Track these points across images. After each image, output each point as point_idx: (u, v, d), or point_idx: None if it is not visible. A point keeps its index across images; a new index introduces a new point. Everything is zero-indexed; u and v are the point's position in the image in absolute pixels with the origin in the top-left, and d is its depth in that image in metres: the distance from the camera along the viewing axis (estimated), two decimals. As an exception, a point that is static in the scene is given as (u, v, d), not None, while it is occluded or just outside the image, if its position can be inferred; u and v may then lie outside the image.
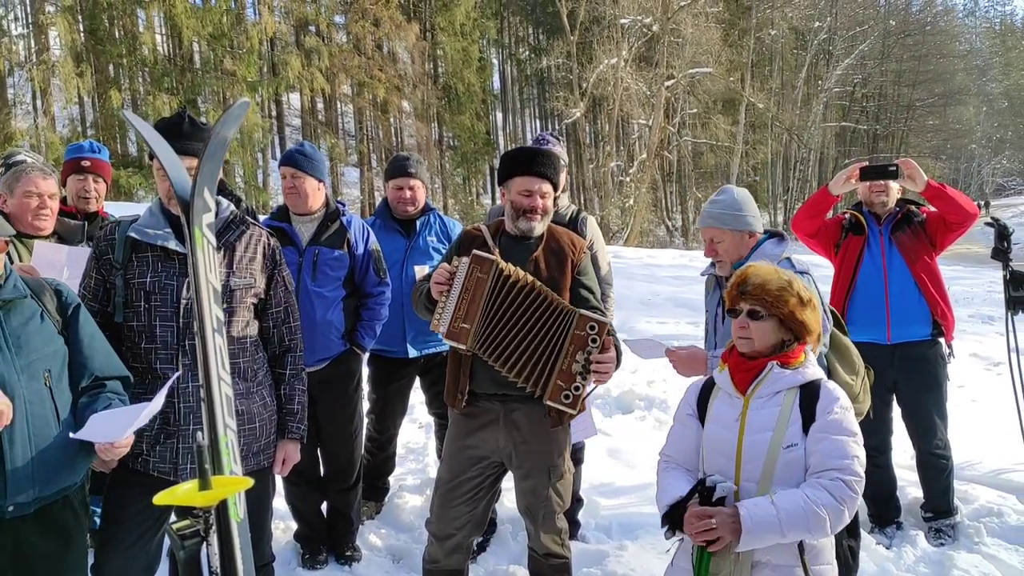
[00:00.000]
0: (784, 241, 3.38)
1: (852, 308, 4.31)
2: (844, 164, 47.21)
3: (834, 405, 2.32)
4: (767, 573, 2.31)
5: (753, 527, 2.18)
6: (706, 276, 3.60)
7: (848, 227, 4.40)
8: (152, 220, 2.80)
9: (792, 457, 2.28)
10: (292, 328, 3.07)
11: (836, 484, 2.21)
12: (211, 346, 2.24)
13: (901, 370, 4.28)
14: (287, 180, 3.80)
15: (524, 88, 43.57)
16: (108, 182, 4.26)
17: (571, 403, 2.92)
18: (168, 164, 2.41)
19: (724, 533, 2.20)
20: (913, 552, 4.14)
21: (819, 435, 2.29)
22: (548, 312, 2.95)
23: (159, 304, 2.72)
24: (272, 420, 2.98)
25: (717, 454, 2.41)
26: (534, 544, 3.29)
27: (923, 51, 47.72)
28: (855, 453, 2.27)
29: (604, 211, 31.77)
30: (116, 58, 22.49)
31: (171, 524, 1.86)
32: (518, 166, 3.16)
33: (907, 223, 4.34)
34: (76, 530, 2.49)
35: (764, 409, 2.36)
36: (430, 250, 4.29)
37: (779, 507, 2.20)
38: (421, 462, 5.38)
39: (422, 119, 30.45)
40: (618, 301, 5.93)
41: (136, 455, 2.68)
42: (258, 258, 2.93)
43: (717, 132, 34.86)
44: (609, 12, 30.63)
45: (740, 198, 3.37)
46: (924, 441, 4.34)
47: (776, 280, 2.41)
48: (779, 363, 2.40)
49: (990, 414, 6.31)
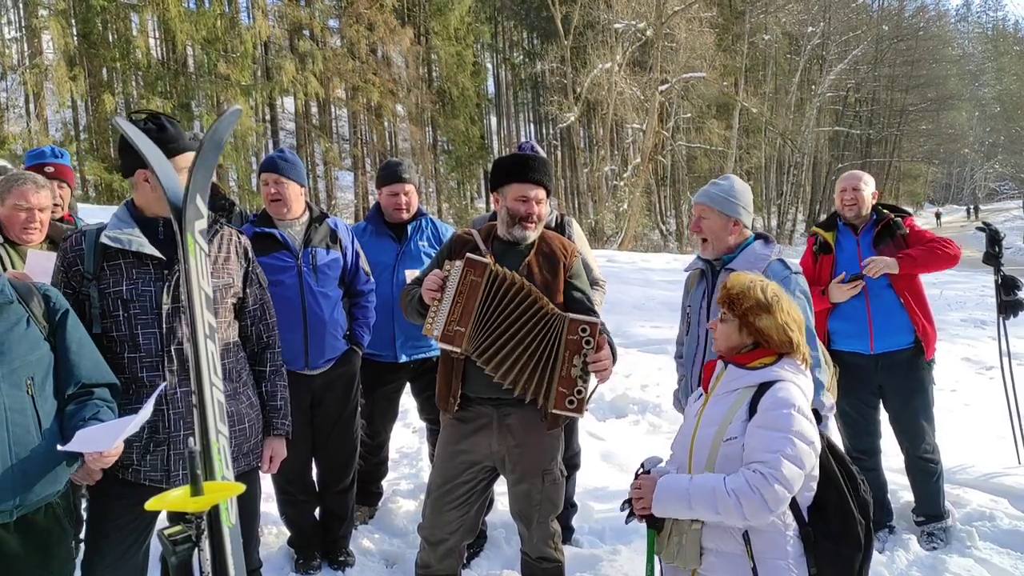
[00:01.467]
0: (772, 244, 3.44)
1: (834, 324, 4.29)
2: (838, 168, 47.53)
3: (772, 402, 2.38)
4: (713, 559, 2.44)
5: (661, 493, 2.42)
6: (690, 272, 3.64)
7: (817, 251, 4.39)
8: (122, 225, 2.72)
9: (731, 450, 2.40)
10: (269, 325, 3.06)
11: (755, 475, 2.29)
12: (203, 352, 2.23)
13: (886, 375, 4.28)
14: (269, 187, 3.78)
15: (518, 92, 43.62)
16: (72, 187, 4.19)
17: (576, 407, 2.93)
18: (161, 171, 2.40)
19: (644, 496, 2.48)
20: (905, 556, 4.14)
21: (753, 429, 2.38)
22: (541, 321, 2.95)
23: (139, 312, 2.66)
24: (259, 419, 2.97)
25: (679, 446, 2.62)
26: (527, 548, 3.29)
27: (916, 56, 47.99)
28: (783, 449, 2.31)
29: (598, 215, 31.84)
30: (109, 62, 22.46)
31: (163, 530, 1.85)
32: (513, 173, 3.16)
33: (889, 235, 4.28)
34: (60, 538, 2.43)
35: (718, 405, 2.50)
36: (422, 255, 4.29)
37: (692, 483, 2.38)
38: (415, 467, 5.37)
39: (416, 123, 30.49)
40: (612, 305, 5.94)
41: (126, 466, 2.64)
42: (232, 257, 2.90)
43: (711, 136, 35.00)
44: (603, 17, 30.72)
45: (739, 188, 3.45)
46: (912, 445, 4.33)
47: (740, 284, 2.52)
48: (736, 363, 2.52)
49: (982, 418, 6.33)
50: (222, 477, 2.18)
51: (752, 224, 3.48)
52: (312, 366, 3.79)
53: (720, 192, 3.41)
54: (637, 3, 30.14)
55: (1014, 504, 4.65)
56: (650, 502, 2.44)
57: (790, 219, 44.79)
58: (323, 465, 4.05)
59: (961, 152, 57.13)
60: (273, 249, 3.72)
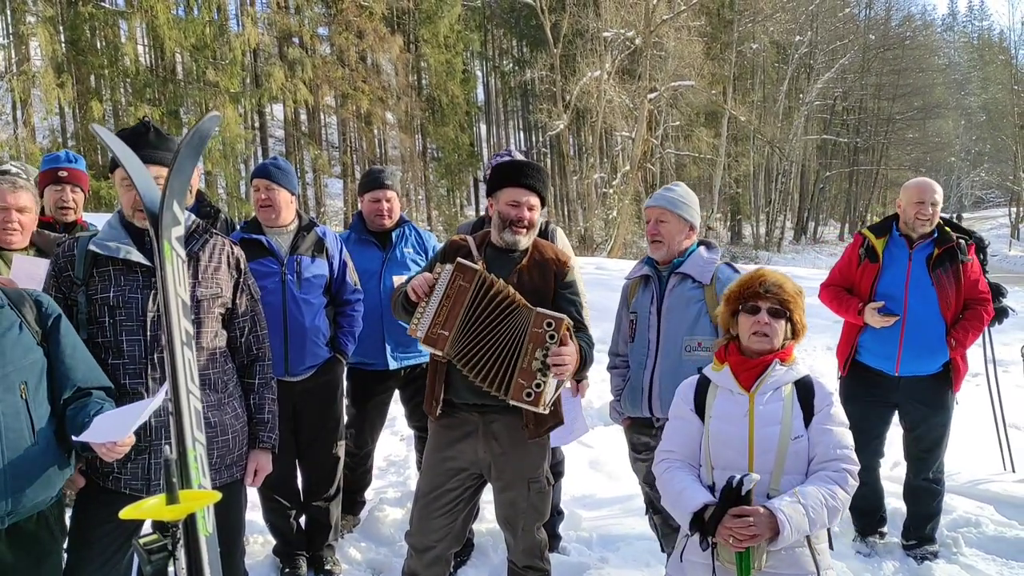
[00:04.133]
0: (716, 249, 3.61)
1: (864, 340, 4.14)
2: (825, 176, 47.77)
3: (829, 399, 2.54)
4: (780, 556, 2.43)
5: (789, 526, 2.31)
6: (630, 280, 3.69)
7: (864, 254, 4.17)
8: (113, 233, 2.75)
9: (799, 447, 2.47)
10: (259, 337, 3.04)
11: (842, 475, 2.42)
12: (180, 359, 2.21)
13: (906, 396, 4.13)
14: (260, 193, 3.80)
15: (508, 100, 43.67)
16: (86, 191, 4.22)
17: (533, 400, 2.88)
18: (136, 176, 2.39)
19: (763, 532, 2.32)
20: (892, 563, 4.15)
21: (821, 427, 2.49)
22: (515, 317, 2.94)
23: (124, 318, 2.68)
24: (244, 431, 2.95)
25: (726, 448, 2.53)
26: (514, 556, 3.28)
27: (902, 65, 48.27)
28: (849, 443, 2.51)
29: (588, 223, 31.86)
30: (97, 69, 22.32)
31: (138, 539, 1.83)
32: (508, 178, 3.17)
33: (950, 260, 4.02)
34: (51, 547, 2.44)
35: (770, 404, 2.53)
36: (407, 261, 4.29)
37: (806, 505, 2.35)
38: (402, 475, 5.35)
39: (406, 131, 30.46)
40: (601, 313, 5.92)
41: (106, 474, 2.64)
42: (223, 267, 2.90)
43: (700, 144, 35.08)
44: (592, 25, 30.79)
45: (691, 194, 3.62)
46: (923, 464, 4.19)
47: (791, 283, 2.62)
48: (779, 360, 2.59)
49: (968, 425, 6.33)
50: (199, 485, 2.15)
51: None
52: (292, 372, 3.77)
53: (678, 198, 3.54)
54: (626, 12, 30.22)
55: (1000, 510, 4.66)
56: (769, 534, 2.32)
57: (778, 227, 44.95)
58: (307, 474, 4.03)
59: (948, 160, 57.45)
60: (259, 255, 3.73)
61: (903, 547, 4.28)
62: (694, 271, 3.46)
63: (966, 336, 4.04)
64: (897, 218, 4.18)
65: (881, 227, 4.23)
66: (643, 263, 3.67)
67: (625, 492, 4.96)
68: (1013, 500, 4.79)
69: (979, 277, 4.12)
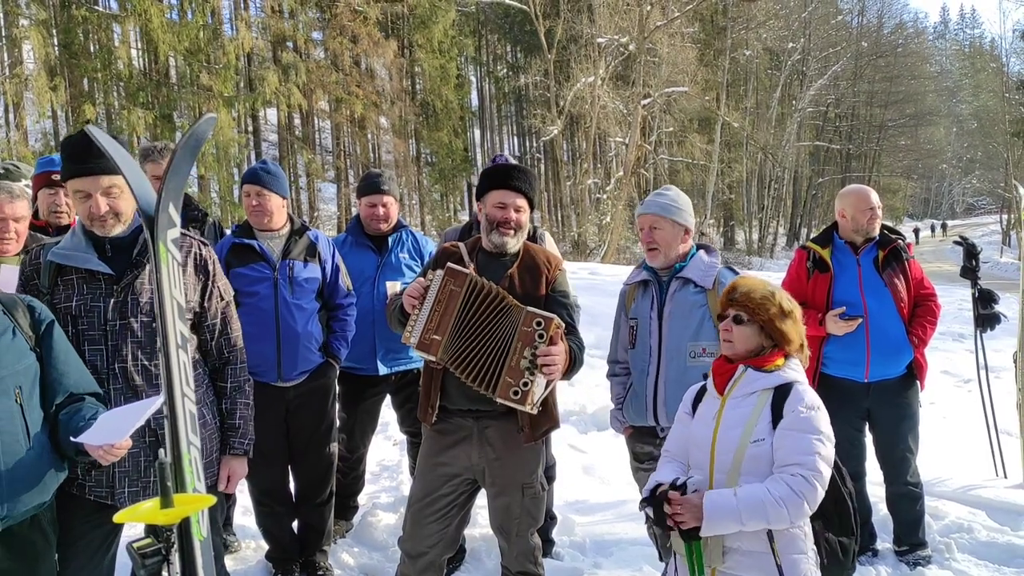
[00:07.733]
0: (715, 252, 3.58)
1: (829, 351, 4.12)
2: (818, 183, 47.96)
3: (800, 404, 2.47)
4: (738, 558, 2.47)
5: (713, 514, 2.36)
6: (627, 285, 3.67)
7: (812, 267, 4.18)
8: (74, 242, 2.71)
9: (759, 451, 2.45)
10: (231, 339, 2.98)
11: (796, 479, 2.36)
12: (175, 362, 2.21)
13: (875, 401, 4.16)
14: (251, 198, 3.78)
15: (502, 105, 43.72)
16: None
17: (520, 399, 2.87)
18: (133, 180, 2.38)
19: (687, 517, 2.38)
20: (885, 568, 4.15)
21: (784, 431, 2.44)
22: (505, 316, 2.94)
23: (86, 328, 2.65)
24: (214, 438, 2.91)
25: (696, 448, 2.60)
26: (507, 562, 3.27)
27: (894, 72, 48.60)
28: (818, 450, 2.42)
29: (581, 228, 31.90)
30: (91, 72, 22.26)
31: (132, 543, 1.82)
32: (495, 180, 3.19)
33: (896, 260, 4.14)
34: (45, 551, 2.43)
35: (738, 408, 2.53)
36: (402, 267, 4.28)
37: (740, 498, 2.37)
38: (395, 480, 5.34)
39: (400, 135, 30.44)
40: (594, 318, 5.93)
41: (71, 479, 2.60)
42: (189, 269, 2.83)
43: (693, 150, 35.20)
44: (586, 31, 30.87)
45: (684, 198, 3.57)
46: (897, 472, 4.22)
47: (761, 290, 2.59)
48: (753, 366, 2.56)
49: (960, 431, 6.37)
50: (193, 489, 2.15)
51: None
52: (285, 378, 3.76)
53: (670, 202, 3.50)
54: (620, 18, 30.31)
55: (992, 516, 4.67)
56: (694, 521, 2.39)
57: (771, 233, 45.11)
58: (300, 478, 4.02)
59: (939, 167, 57.85)
60: (251, 260, 3.72)
61: (895, 553, 4.29)
62: (696, 276, 3.43)
63: (925, 332, 4.15)
64: (836, 227, 4.23)
65: (823, 238, 4.29)
66: (641, 268, 3.64)
67: (618, 497, 4.97)
68: (1005, 506, 4.80)
69: (922, 275, 4.27)
